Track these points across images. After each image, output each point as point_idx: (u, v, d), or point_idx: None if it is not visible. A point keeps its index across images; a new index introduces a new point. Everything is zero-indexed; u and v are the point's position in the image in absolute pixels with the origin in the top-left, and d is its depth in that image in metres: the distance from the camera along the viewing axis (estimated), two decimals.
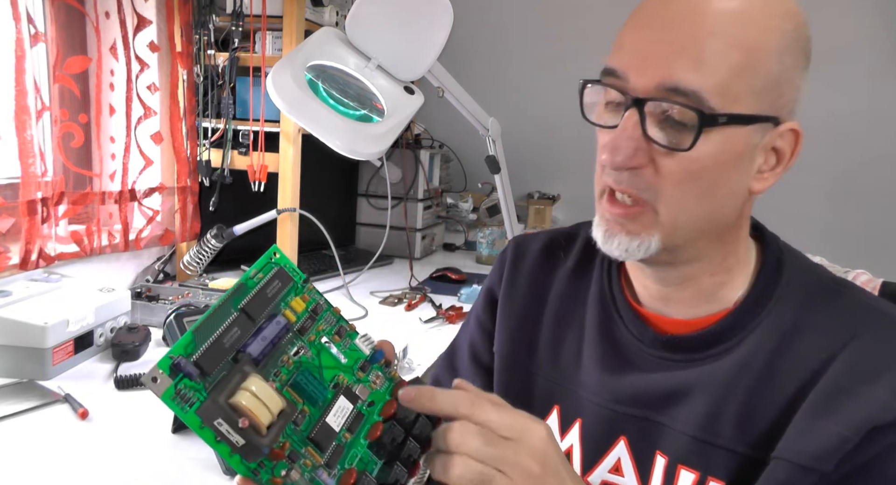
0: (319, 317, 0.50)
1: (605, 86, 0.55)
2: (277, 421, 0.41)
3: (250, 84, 1.56)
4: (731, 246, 0.59)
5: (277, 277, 0.49)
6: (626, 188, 0.54)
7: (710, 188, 0.54)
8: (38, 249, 1.20)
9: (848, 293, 0.58)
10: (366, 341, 0.51)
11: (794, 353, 0.55)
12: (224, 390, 0.40)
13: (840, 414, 0.51)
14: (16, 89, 1.13)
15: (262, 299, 0.47)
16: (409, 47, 1.13)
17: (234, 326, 0.44)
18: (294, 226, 1.60)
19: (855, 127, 2.21)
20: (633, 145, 0.53)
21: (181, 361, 0.41)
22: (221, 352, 0.43)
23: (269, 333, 0.45)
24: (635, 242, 0.55)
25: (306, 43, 1.12)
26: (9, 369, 1.05)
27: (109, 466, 0.83)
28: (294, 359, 0.47)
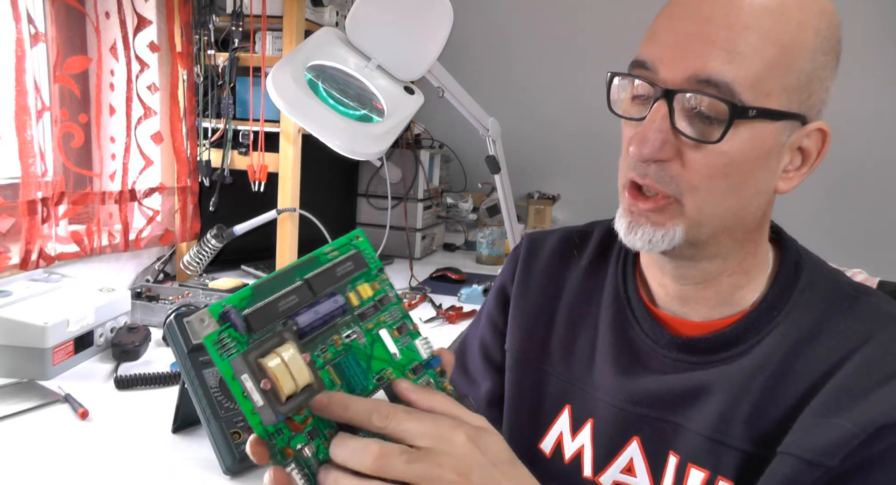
0: (385, 308, 0.48)
1: (635, 77, 0.55)
2: (300, 394, 0.40)
3: (250, 84, 1.56)
4: (752, 246, 0.59)
5: (352, 260, 0.47)
6: (652, 183, 0.54)
7: (737, 185, 0.54)
8: (38, 249, 1.20)
9: (866, 299, 0.58)
10: (425, 345, 0.48)
11: (808, 356, 0.55)
12: (258, 349, 0.40)
13: (849, 412, 0.51)
14: (16, 89, 1.13)
15: (330, 276, 0.45)
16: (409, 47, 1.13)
17: (293, 293, 0.43)
18: (294, 226, 1.60)
19: (854, 127, 2.21)
20: (661, 138, 0.52)
21: (232, 311, 0.41)
22: (273, 315, 0.42)
23: (324, 309, 0.44)
24: (659, 232, 0.55)
25: (306, 43, 1.12)
26: (9, 369, 1.05)
27: (109, 466, 0.83)
28: (345, 341, 0.45)
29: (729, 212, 0.55)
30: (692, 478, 0.57)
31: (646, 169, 0.54)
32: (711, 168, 0.52)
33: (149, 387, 1.05)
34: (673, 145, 0.53)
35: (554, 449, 0.67)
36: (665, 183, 0.54)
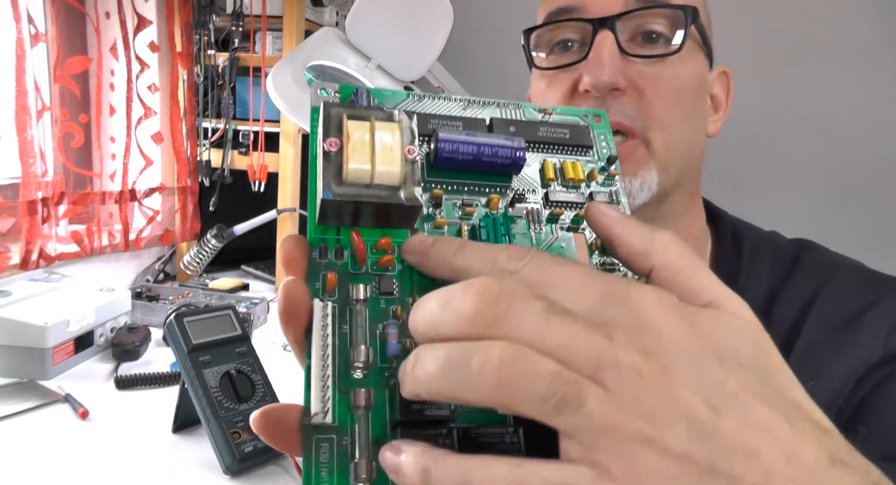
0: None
1: (559, 22, 0.51)
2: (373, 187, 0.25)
3: (250, 84, 1.56)
4: (696, 205, 0.57)
5: (573, 131, 0.30)
6: (616, 118, 0.48)
7: (691, 111, 0.51)
8: (38, 249, 1.20)
9: (807, 254, 0.56)
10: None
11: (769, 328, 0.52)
12: (355, 111, 0.26)
13: (822, 371, 0.49)
14: (16, 89, 1.13)
15: (527, 130, 0.30)
16: (409, 47, 1.13)
17: (460, 121, 0.29)
18: (294, 226, 1.60)
19: (852, 126, 2.21)
20: (617, 63, 0.48)
21: (366, 94, 0.28)
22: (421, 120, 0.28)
23: (488, 140, 0.27)
24: (637, 181, 0.49)
25: (306, 43, 1.12)
26: (9, 369, 1.05)
27: (109, 466, 0.83)
28: (509, 213, 0.28)
29: (688, 147, 0.52)
30: None
31: (603, 104, 0.48)
32: (669, 92, 0.49)
33: (149, 387, 1.05)
34: (625, 75, 0.49)
35: None
36: (629, 117, 0.49)
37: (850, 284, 0.53)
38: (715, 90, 0.56)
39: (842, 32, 2.20)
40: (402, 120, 0.26)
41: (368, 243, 0.25)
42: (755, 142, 2.34)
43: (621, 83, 0.48)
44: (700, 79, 0.52)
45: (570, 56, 0.51)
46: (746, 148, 2.36)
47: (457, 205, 0.27)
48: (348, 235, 0.25)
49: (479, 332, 0.20)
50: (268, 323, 1.38)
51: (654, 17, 0.49)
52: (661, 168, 0.50)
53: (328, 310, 0.23)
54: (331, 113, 0.26)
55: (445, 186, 0.27)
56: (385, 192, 0.25)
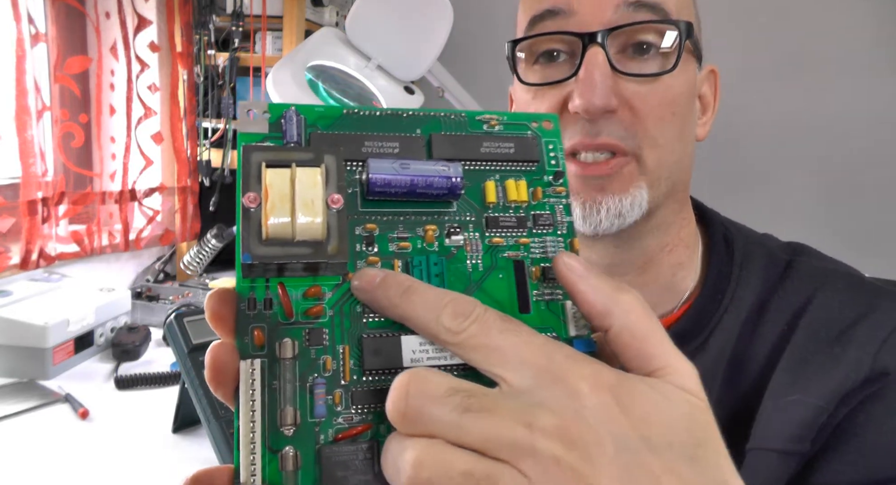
0: (541, 233, 0.28)
1: (547, 35, 0.47)
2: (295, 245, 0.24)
3: (250, 84, 1.56)
4: (686, 212, 0.55)
5: (519, 144, 0.29)
6: (606, 139, 0.46)
7: (683, 124, 0.49)
8: (38, 248, 1.20)
9: (800, 263, 0.54)
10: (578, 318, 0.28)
11: (758, 335, 0.51)
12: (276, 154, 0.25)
13: (808, 384, 0.47)
14: (16, 89, 1.13)
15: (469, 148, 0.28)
16: (409, 47, 1.13)
17: (396, 141, 0.27)
18: None
19: (850, 127, 2.22)
20: (609, 83, 0.45)
21: (296, 119, 0.27)
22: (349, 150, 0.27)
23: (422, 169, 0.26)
24: (627, 200, 0.47)
25: (306, 43, 1.12)
26: (9, 369, 1.05)
27: (109, 466, 0.83)
28: (443, 244, 0.27)
29: (679, 159, 0.50)
30: None
31: (595, 127, 0.46)
32: (661, 108, 0.47)
33: (149, 387, 1.05)
34: (617, 93, 0.46)
35: None
36: (622, 138, 0.46)
37: (842, 294, 0.51)
38: (703, 90, 0.54)
39: (848, 35, 2.20)
40: (325, 164, 0.24)
41: (299, 289, 0.25)
42: (761, 144, 2.34)
43: (614, 104, 0.46)
44: (692, 87, 0.50)
45: (557, 68, 0.49)
46: (752, 150, 2.36)
47: (392, 238, 0.26)
48: (276, 286, 0.25)
49: (405, 430, 0.21)
50: None
51: (654, 27, 0.47)
52: (652, 184, 0.48)
53: (255, 372, 0.23)
54: (250, 160, 0.25)
55: (380, 218, 0.26)
56: (309, 249, 0.24)
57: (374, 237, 0.26)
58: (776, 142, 2.33)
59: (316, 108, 0.28)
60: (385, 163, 0.26)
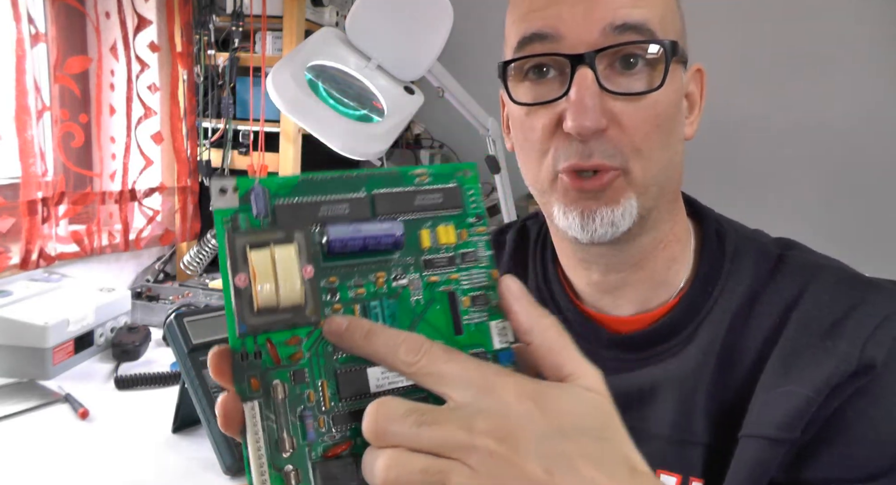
0: (467, 267, 0.35)
1: (537, 57, 0.49)
2: (282, 311, 0.31)
3: (250, 84, 1.56)
4: (677, 208, 0.56)
5: (444, 194, 0.35)
6: (598, 160, 0.48)
7: (670, 133, 0.51)
8: (38, 248, 1.20)
9: (790, 257, 0.55)
10: (503, 333, 0.34)
11: (749, 329, 0.52)
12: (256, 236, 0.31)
13: (800, 376, 0.48)
14: (16, 89, 1.13)
15: (404, 202, 0.35)
16: (409, 47, 1.13)
17: (346, 203, 0.33)
18: None
19: (850, 127, 2.22)
20: (598, 104, 0.47)
21: (261, 192, 0.32)
22: (308, 216, 0.33)
23: (371, 230, 0.33)
24: (619, 210, 0.50)
25: (306, 43, 1.12)
26: (9, 369, 1.05)
27: (109, 466, 0.83)
28: (391, 284, 0.34)
29: (666, 167, 0.51)
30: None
31: (587, 149, 0.48)
32: (649, 123, 0.49)
33: (149, 387, 1.05)
34: (606, 112, 0.48)
35: None
36: (611, 156, 0.48)
37: (832, 287, 0.52)
38: (690, 89, 0.55)
39: (848, 35, 2.20)
40: (297, 241, 0.31)
41: (281, 338, 0.31)
42: (761, 144, 2.34)
43: (604, 125, 0.48)
44: (678, 94, 0.52)
45: (547, 85, 0.50)
46: (752, 150, 2.36)
47: (350, 286, 0.33)
48: (264, 340, 0.31)
49: (377, 444, 0.28)
50: None
51: (639, 47, 0.48)
52: (641, 194, 0.50)
53: (256, 412, 0.29)
54: (235, 244, 0.31)
55: (339, 270, 0.33)
56: (291, 313, 0.31)
57: (336, 287, 0.32)
58: (776, 142, 2.33)
59: (276, 180, 0.33)
60: (341, 228, 0.32)
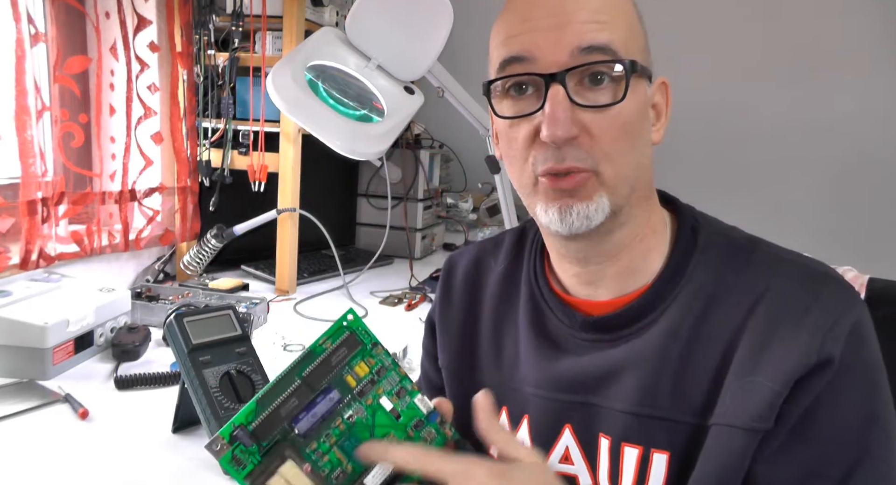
0: (382, 378, 0.52)
1: (516, 76, 0.57)
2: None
3: (250, 84, 1.56)
4: (651, 204, 0.62)
5: (345, 344, 0.51)
6: (572, 163, 0.55)
7: (636, 139, 0.57)
8: (38, 249, 1.20)
9: (759, 249, 0.60)
10: (423, 401, 0.52)
11: (715, 315, 0.57)
12: (265, 472, 0.46)
13: (767, 368, 0.53)
14: (16, 89, 1.13)
15: (326, 368, 0.50)
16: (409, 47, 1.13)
17: (293, 396, 0.48)
18: (294, 226, 1.60)
19: (850, 127, 2.22)
20: (569, 116, 0.54)
21: (240, 432, 0.46)
22: (277, 421, 0.47)
23: (321, 409, 0.49)
24: (592, 205, 0.56)
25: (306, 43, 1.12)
26: (9, 369, 1.05)
27: (109, 466, 0.83)
28: (346, 422, 0.50)
29: (634, 169, 0.58)
30: (627, 456, 0.59)
31: (561, 154, 0.56)
32: (615, 130, 0.55)
33: (149, 387, 1.05)
34: (577, 122, 0.55)
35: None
36: (582, 160, 0.55)
37: (797, 281, 0.57)
38: (656, 100, 0.61)
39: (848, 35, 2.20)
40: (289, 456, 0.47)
41: None
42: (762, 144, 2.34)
43: (574, 133, 0.55)
44: (643, 104, 0.58)
45: (526, 101, 0.58)
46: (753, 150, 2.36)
47: (323, 440, 0.49)
48: None
49: None
50: (268, 323, 1.38)
51: (603, 66, 0.55)
52: (611, 192, 0.57)
53: None
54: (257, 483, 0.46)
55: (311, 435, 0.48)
56: None
57: (316, 447, 0.48)
58: (777, 142, 2.33)
59: (241, 413, 0.47)
60: (304, 421, 0.48)
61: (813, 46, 2.24)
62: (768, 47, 2.29)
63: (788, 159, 2.32)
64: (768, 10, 2.27)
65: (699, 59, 2.26)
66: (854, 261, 0.92)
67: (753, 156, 2.35)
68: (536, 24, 0.56)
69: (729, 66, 2.31)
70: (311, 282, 1.73)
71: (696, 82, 2.05)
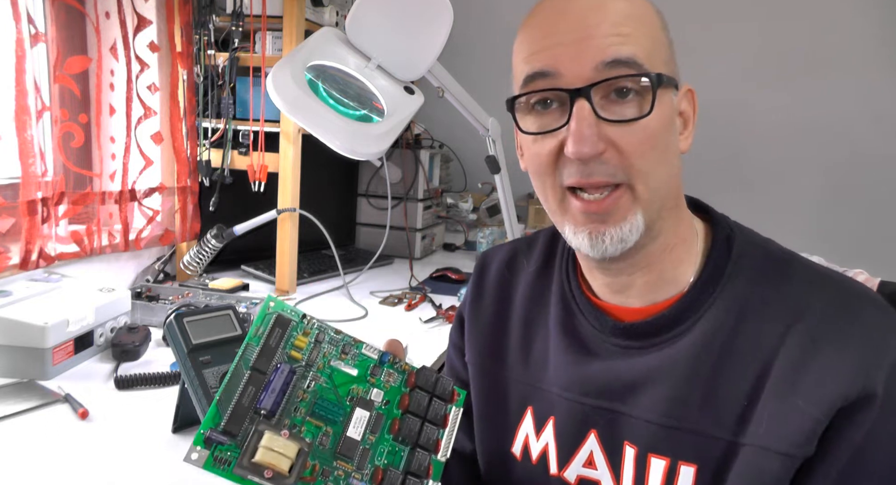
0: (324, 342, 0.54)
1: (540, 91, 0.56)
2: (298, 461, 0.48)
3: (250, 84, 1.56)
4: (679, 213, 0.61)
5: (277, 325, 0.53)
6: (599, 179, 0.55)
7: (665, 151, 0.56)
8: (38, 249, 1.20)
9: (796, 262, 0.59)
10: (371, 348, 0.55)
11: (750, 329, 0.56)
12: (247, 453, 0.48)
13: (806, 391, 0.52)
14: (16, 89, 1.13)
15: (269, 351, 0.52)
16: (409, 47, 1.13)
17: (248, 385, 0.50)
18: (294, 226, 1.60)
19: (852, 128, 2.22)
20: (596, 131, 0.54)
21: (211, 434, 0.48)
22: (243, 412, 0.49)
23: (277, 383, 0.50)
24: (626, 227, 0.56)
25: (306, 43, 1.12)
26: (9, 369, 1.05)
27: (109, 466, 0.83)
28: (309, 391, 0.52)
29: (666, 181, 0.57)
30: (653, 467, 0.58)
31: (588, 169, 0.55)
32: (644, 144, 0.54)
33: (149, 387, 1.05)
34: (603, 137, 0.54)
35: (522, 451, 0.68)
36: (612, 174, 0.55)
37: (837, 300, 0.55)
38: (682, 107, 0.61)
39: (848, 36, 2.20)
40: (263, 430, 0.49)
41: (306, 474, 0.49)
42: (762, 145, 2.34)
43: (600, 149, 0.54)
44: (670, 116, 0.57)
45: (550, 116, 0.57)
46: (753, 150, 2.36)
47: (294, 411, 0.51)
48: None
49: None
50: None
51: (629, 79, 0.54)
52: (645, 207, 0.56)
53: None
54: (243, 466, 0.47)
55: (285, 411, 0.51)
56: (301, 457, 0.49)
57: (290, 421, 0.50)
58: (778, 142, 2.33)
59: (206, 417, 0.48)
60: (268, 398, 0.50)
61: (812, 47, 2.24)
62: (767, 48, 2.29)
63: (786, 160, 2.32)
64: (767, 11, 2.27)
65: (698, 59, 2.26)
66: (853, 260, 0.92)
67: (752, 156, 2.35)
68: (559, 40, 0.55)
69: (728, 66, 2.31)
70: (311, 282, 1.73)
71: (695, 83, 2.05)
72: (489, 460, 0.72)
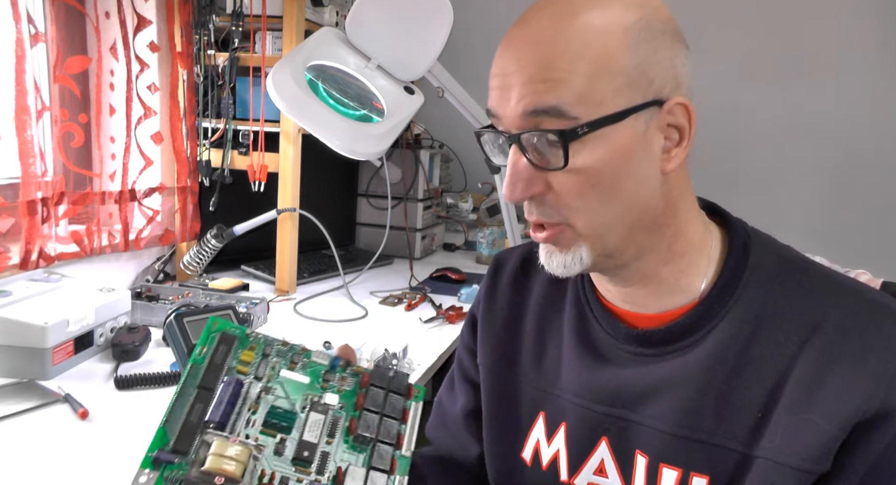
0: (271, 355, 0.54)
1: (488, 130, 0.59)
2: (252, 465, 0.47)
3: (250, 84, 1.56)
4: (674, 229, 0.59)
5: (221, 343, 0.53)
6: (538, 218, 0.57)
7: (612, 189, 0.54)
8: (38, 249, 1.20)
9: (813, 271, 0.58)
10: (321, 355, 0.55)
11: (766, 339, 0.55)
12: (196, 463, 0.46)
13: (823, 405, 0.51)
14: (16, 89, 1.13)
15: (215, 368, 0.52)
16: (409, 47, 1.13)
17: (196, 402, 0.50)
18: (294, 226, 1.60)
19: (854, 128, 2.22)
20: (524, 177, 0.55)
21: (160, 454, 0.47)
22: (192, 429, 0.48)
23: (223, 395, 0.50)
24: (569, 256, 0.57)
25: (306, 43, 1.12)
26: (9, 369, 1.05)
27: (109, 466, 0.83)
28: (260, 401, 0.52)
29: (620, 214, 0.55)
30: (665, 478, 0.57)
31: (529, 207, 0.57)
32: (580, 186, 0.54)
33: (149, 387, 1.05)
34: (539, 179, 0.55)
35: (533, 457, 0.67)
36: (548, 215, 0.56)
37: (856, 311, 0.54)
38: (672, 122, 0.56)
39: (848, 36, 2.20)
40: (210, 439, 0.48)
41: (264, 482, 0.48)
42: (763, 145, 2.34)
43: (535, 191, 0.55)
44: (624, 147, 0.53)
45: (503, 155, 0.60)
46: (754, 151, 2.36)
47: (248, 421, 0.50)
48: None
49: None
50: (268, 323, 1.38)
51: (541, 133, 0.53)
52: (591, 241, 0.56)
53: None
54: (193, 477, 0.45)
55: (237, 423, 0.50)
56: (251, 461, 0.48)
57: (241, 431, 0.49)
58: (778, 143, 2.33)
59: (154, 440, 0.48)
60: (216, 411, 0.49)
61: (811, 48, 2.24)
62: (765, 49, 2.29)
63: (785, 160, 2.32)
64: (765, 12, 2.27)
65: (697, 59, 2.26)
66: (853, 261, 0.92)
67: (753, 157, 2.35)
68: (500, 81, 0.55)
69: (727, 67, 2.31)
70: (311, 282, 1.73)
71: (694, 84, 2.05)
72: (498, 464, 0.71)
